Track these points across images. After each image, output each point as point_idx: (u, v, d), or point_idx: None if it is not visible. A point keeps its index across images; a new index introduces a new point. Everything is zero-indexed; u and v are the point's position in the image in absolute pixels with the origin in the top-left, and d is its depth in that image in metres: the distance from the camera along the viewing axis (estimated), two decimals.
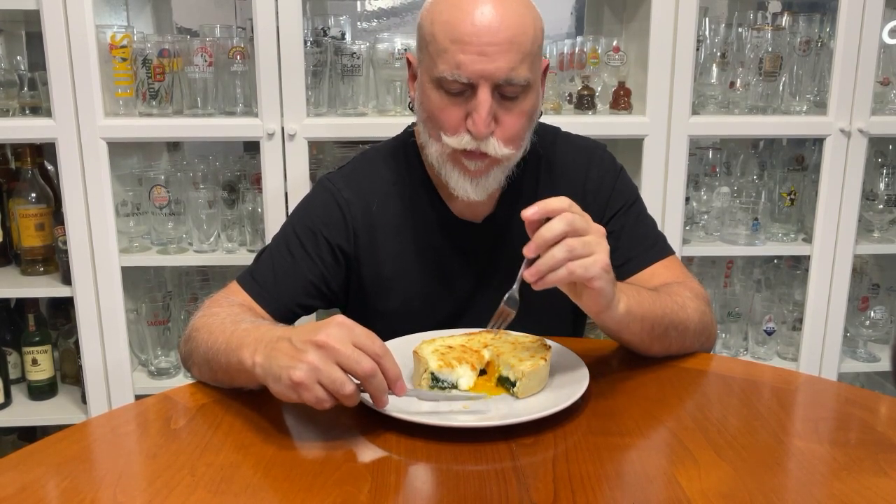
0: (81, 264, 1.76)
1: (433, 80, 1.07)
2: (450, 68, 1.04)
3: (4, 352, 1.92)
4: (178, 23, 2.15)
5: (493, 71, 1.03)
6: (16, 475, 0.82)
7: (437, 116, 1.09)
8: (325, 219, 1.21)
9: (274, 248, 1.22)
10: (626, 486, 0.81)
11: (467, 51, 1.03)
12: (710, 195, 1.97)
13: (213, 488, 0.79)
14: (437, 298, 1.23)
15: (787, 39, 1.84)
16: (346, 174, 1.25)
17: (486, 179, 1.13)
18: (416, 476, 0.83)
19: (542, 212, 0.91)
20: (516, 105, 1.08)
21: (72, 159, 1.71)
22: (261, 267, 1.21)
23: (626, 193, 1.27)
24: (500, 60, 1.03)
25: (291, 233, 1.21)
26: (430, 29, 1.07)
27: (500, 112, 1.07)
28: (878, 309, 2.00)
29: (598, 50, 1.85)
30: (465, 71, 1.03)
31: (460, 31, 1.03)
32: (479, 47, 1.02)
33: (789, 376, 1.11)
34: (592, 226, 0.94)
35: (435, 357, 0.99)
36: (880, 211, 1.94)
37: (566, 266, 0.91)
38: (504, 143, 1.09)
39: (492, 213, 1.24)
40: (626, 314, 1.01)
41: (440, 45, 1.05)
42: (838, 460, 0.85)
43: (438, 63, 1.05)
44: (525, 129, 1.12)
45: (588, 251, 0.91)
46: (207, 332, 1.04)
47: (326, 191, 1.23)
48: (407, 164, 1.24)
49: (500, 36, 1.02)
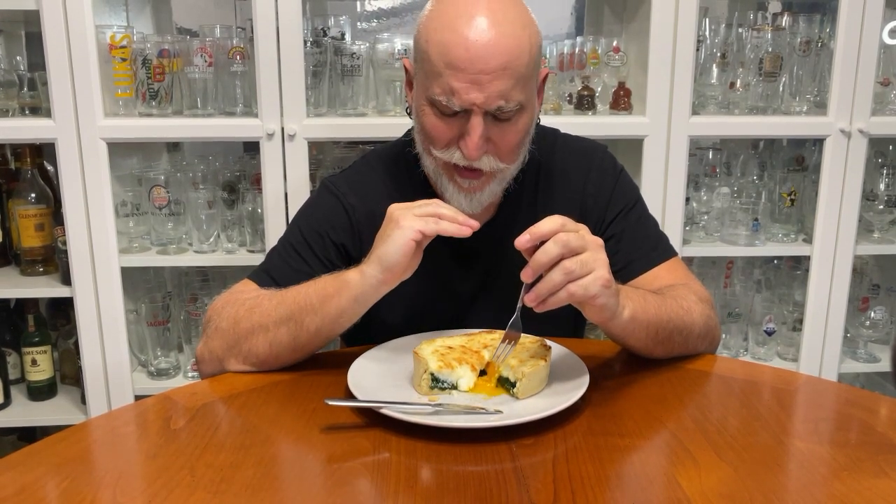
0: (81, 265, 1.76)
1: (427, 98, 1.08)
2: (443, 93, 1.04)
3: (4, 352, 1.92)
4: (177, 23, 2.15)
5: (485, 99, 1.03)
6: (16, 475, 0.82)
7: (430, 133, 1.10)
8: (331, 221, 1.22)
9: (282, 249, 1.23)
10: (627, 486, 0.81)
11: (460, 78, 1.02)
12: (710, 195, 1.97)
13: (213, 488, 0.79)
14: (437, 302, 1.24)
15: (787, 40, 1.84)
16: (350, 179, 1.26)
17: (481, 195, 1.14)
18: (416, 476, 0.83)
19: (534, 238, 0.91)
20: (510, 126, 1.08)
21: (71, 159, 1.70)
22: (274, 265, 1.22)
23: (626, 196, 1.26)
24: (493, 87, 1.02)
25: (298, 235, 1.22)
26: (425, 47, 1.07)
27: (494, 132, 1.08)
28: (879, 309, 2.00)
29: (598, 50, 1.85)
30: (458, 99, 1.03)
31: (454, 55, 1.02)
32: (473, 75, 1.02)
33: (789, 377, 1.11)
34: (588, 240, 0.93)
35: (435, 357, 0.99)
36: (880, 211, 1.94)
37: (565, 289, 0.90)
38: (499, 158, 1.10)
39: (492, 218, 1.24)
40: (631, 321, 1.01)
41: (434, 67, 1.05)
42: (838, 461, 0.85)
43: (433, 85, 1.06)
44: (520, 145, 1.12)
45: (586, 270, 0.91)
46: (276, 296, 1.10)
47: (332, 194, 1.24)
48: (407, 170, 1.24)
49: (493, 64, 1.01)
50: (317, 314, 1.05)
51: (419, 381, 0.99)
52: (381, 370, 1.05)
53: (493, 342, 1.05)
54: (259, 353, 1.09)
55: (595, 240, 0.94)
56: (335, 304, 1.05)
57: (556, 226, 0.91)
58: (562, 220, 0.92)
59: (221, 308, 1.13)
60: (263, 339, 1.07)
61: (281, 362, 1.10)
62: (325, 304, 1.05)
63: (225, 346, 1.10)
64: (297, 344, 1.08)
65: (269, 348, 1.08)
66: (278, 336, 1.07)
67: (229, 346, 1.10)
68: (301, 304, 1.06)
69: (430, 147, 1.12)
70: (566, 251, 0.90)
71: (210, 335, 1.12)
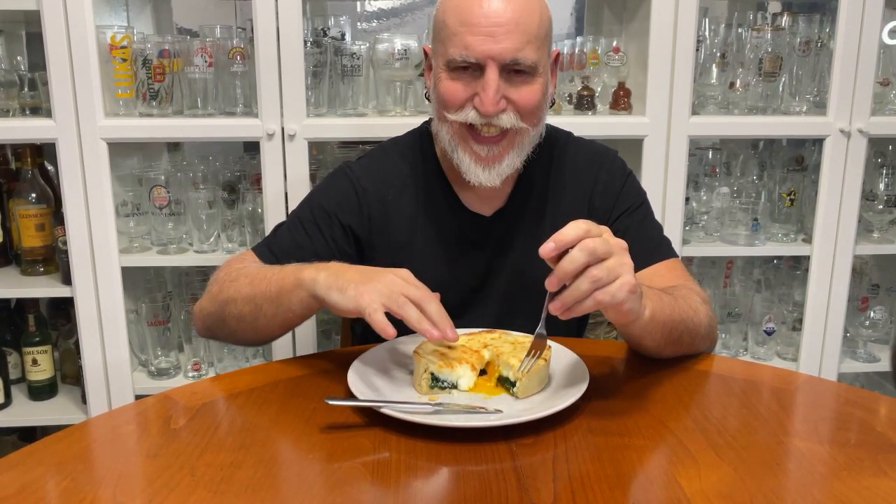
0: (81, 264, 1.76)
1: (445, 62, 1.13)
2: (459, 50, 1.09)
3: (4, 352, 1.92)
4: (178, 23, 2.15)
5: (500, 51, 1.08)
6: (16, 475, 0.83)
7: (445, 96, 1.14)
8: (342, 203, 1.25)
9: (290, 224, 1.27)
10: (626, 486, 0.81)
11: (475, 32, 1.08)
12: (709, 195, 1.97)
13: (213, 488, 0.79)
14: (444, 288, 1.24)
15: (786, 40, 1.84)
16: (366, 165, 1.30)
17: (500, 165, 1.16)
18: (416, 476, 0.83)
19: (559, 247, 0.87)
20: (527, 84, 1.12)
21: (72, 159, 1.71)
22: (278, 240, 1.26)
23: (633, 196, 1.29)
24: (507, 41, 1.08)
25: (308, 212, 1.26)
26: (442, 17, 1.13)
27: (511, 91, 1.11)
28: (878, 309, 2.00)
29: (598, 50, 1.85)
30: (472, 52, 1.08)
31: (468, 14, 1.09)
32: (487, 28, 1.07)
33: (789, 377, 1.11)
34: (613, 244, 0.90)
35: (435, 357, 1.00)
36: (880, 211, 1.94)
37: (592, 297, 0.88)
38: (521, 116, 1.13)
39: (502, 207, 1.26)
40: (651, 321, 1.01)
41: (451, 30, 1.10)
42: (838, 461, 0.85)
43: (449, 47, 1.11)
44: (540, 106, 1.14)
45: (613, 276, 0.89)
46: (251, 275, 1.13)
47: (346, 177, 1.28)
48: (422, 157, 1.27)
49: (506, 17, 1.08)
50: (272, 303, 1.09)
51: (419, 381, 0.99)
52: (381, 370, 1.05)
53: (494, 341, 1.06)
54: (230, 324, 1.14)
55: (619, 242, 0.91)
56: (287, 298, 1.08)
57: (581, 232, 0.88)
58: (586, 225, 0.89)
59: (219, 272, 1.20)
60: (234, 311, 1.13)
61: (247, 338, 1.16)
62: (280, 296, 1.08)
63: (211, 309, 1.17)
64: (257, 325, 1.12)
65: (236, 323, 1.13)
66: (243, 312, 1.12)
67: (213, 310, 1.16)
68: (263, 289, 1.10)
69: (446, 112, 1.15)
70: (592, 259, 0.87)
71: (204, 296, 1.19)
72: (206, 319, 1.19)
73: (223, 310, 1.14)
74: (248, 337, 1.17)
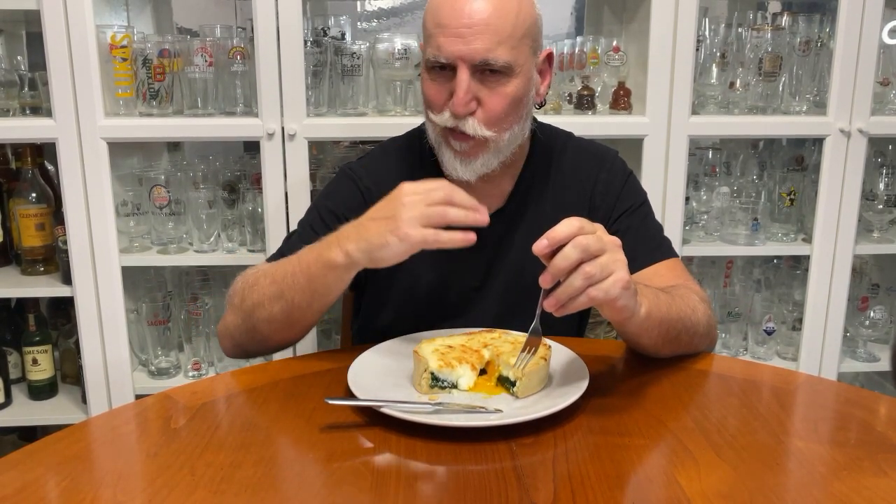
0: (81, 264, 1.76)
1: (425, 62, 1.14)
2: (433, 50, 1.11)
3: (5, 351, 1.92)
4: (178, 23, 2.15)
5: (469, 52, 1.08)
6: (16, 475, 0.83)
7: (426, 96, 1.16)
8: (348, 203, 1.25)
9: (301, 231, 1.28)
10: (626, 486, 0.81)
11: (447, 33, 1.09)
12: (709, 195, 1.97)
13: (213, 488, 0.79)
14: (443, 288, 1.25)
15: (786, 39, 1.84)
16: (366, 165, 1.31)
17: (475, 162, 1.17)
18: (416, 476, 0.83)
19: (552, 244, 0.89)
20: (499, 88, 1.11)
21: (72, 159, 1.71)
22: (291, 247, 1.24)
23: (633, 196, 1.29)
24: (477, 42, 1.08)
25: (316, 216, 1.27)
26: (425, 18, 1.15)
27: (483, 93, 1.12)
28: (878, 309, 2.00)
29: (598, 50, 1.85)
30: (443, 52, 1.09)
31: (441, 15, 1.10)
32: (456, 29, 1.08)
33: (789, 376, 1.11)
34: (606, 241, 0.91)
35: (435, 357, 1.00)
36: (880, 211, 1.94)
37: (586, 293, 0.89)
38: (484, 124, 1.13)
39: (501, 207, 1.26)
40: (647, 318, 1.01)
41: (428, 31, 1.12)
42: (838, 460, 0.85)
43: (427, 47, 1.13)
44: (508, 113, 1.14)
45: (606, 273, 0.90)
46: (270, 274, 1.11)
47: (349, 178, 1.29)
48: (420, 156, 1.28)
49: (476, 17, 1.08)
50: (304, 292, 1.08)
51: (419, 381, 1.00)
52: (381, 369, 1.05)
53: (493, 341, 1.06)
54: (261, 330, 1.12)
55: (613, 240, 0.92)
56: (322, 282, 1.06)
57: (574, 229, 0.89)
58: (579, 222, 0.90)
59: (235, 286, 1.18)
60: (263, 314, 1.11)
61: (282, 337, 1.14)
62: (311, 283, 1.07)
63: (237, 321, 1.15)
64: (291, 320, 1.11)
65: (267, 326, 1.11)
66: (273, 312, 1.10)
67: (241, 322, 1.14)
68: (290, 283, 1.08)
69: (430, 113, 1.17)
70: (585, 255, 0.88)
71: (226, 314, 1.18)
72: (234, 335, 1.16)
73: (252, 316, 1.12)
74: (282, 336, 1.14)
